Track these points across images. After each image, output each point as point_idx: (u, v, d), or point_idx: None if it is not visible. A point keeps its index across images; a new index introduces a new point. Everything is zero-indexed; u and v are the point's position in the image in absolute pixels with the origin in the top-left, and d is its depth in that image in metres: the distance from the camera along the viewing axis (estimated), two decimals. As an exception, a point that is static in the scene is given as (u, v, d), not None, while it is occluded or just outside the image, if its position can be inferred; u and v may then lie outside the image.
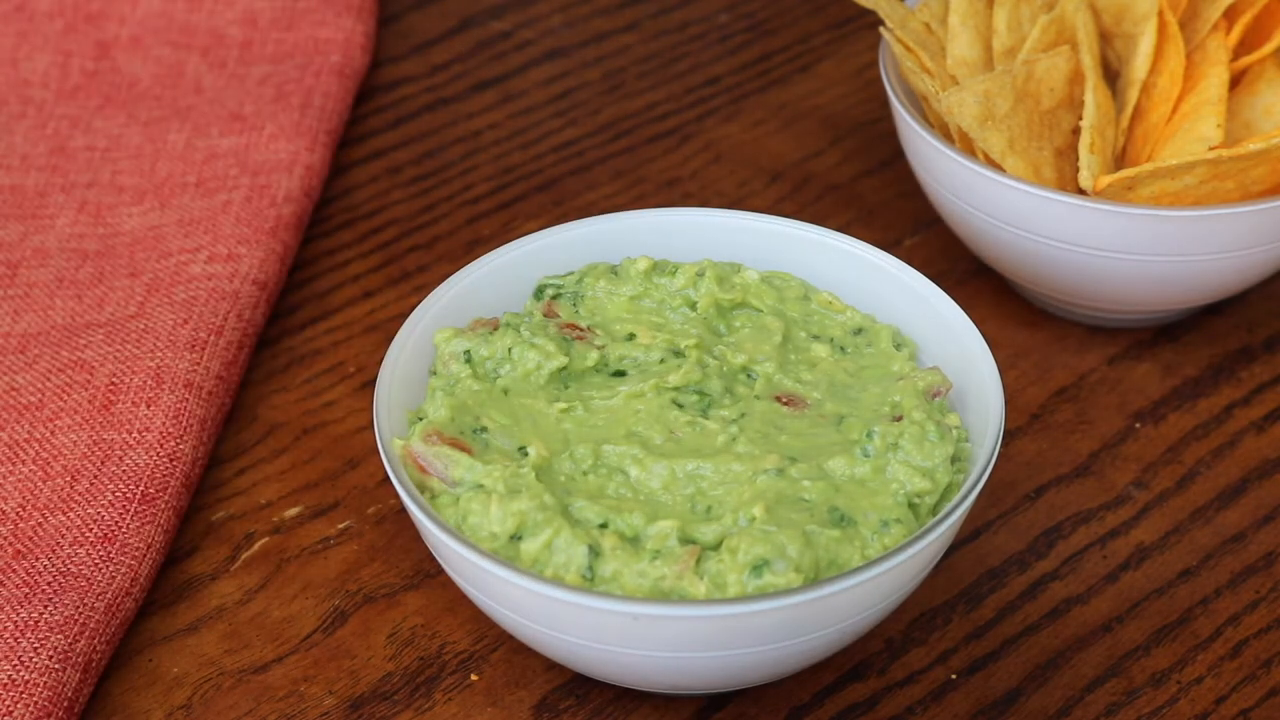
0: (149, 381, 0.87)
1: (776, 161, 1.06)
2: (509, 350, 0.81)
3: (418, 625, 0.82)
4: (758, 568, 0.72)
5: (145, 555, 0.81)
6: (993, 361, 0.80)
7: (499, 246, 0.85)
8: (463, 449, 0.76)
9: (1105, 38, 0.94)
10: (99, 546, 0.81)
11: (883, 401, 0.80)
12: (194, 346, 0.89)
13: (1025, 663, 0.81)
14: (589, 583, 0.73)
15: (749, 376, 0.81)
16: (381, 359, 0.80)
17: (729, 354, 0.81)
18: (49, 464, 0.84)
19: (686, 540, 0.74)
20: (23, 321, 0.91)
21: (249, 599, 0.83)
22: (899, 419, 0.78)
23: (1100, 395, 0.92)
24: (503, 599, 0.73)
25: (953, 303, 0.83)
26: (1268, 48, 0.91)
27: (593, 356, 0.81)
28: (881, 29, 0.93)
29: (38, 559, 0.81)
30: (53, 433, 0.86)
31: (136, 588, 0.81)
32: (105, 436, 0.85)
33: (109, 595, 0.79)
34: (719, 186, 1.04)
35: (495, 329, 0.82)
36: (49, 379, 0.88)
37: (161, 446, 0.85)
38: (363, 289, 0.98)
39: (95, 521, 0.82)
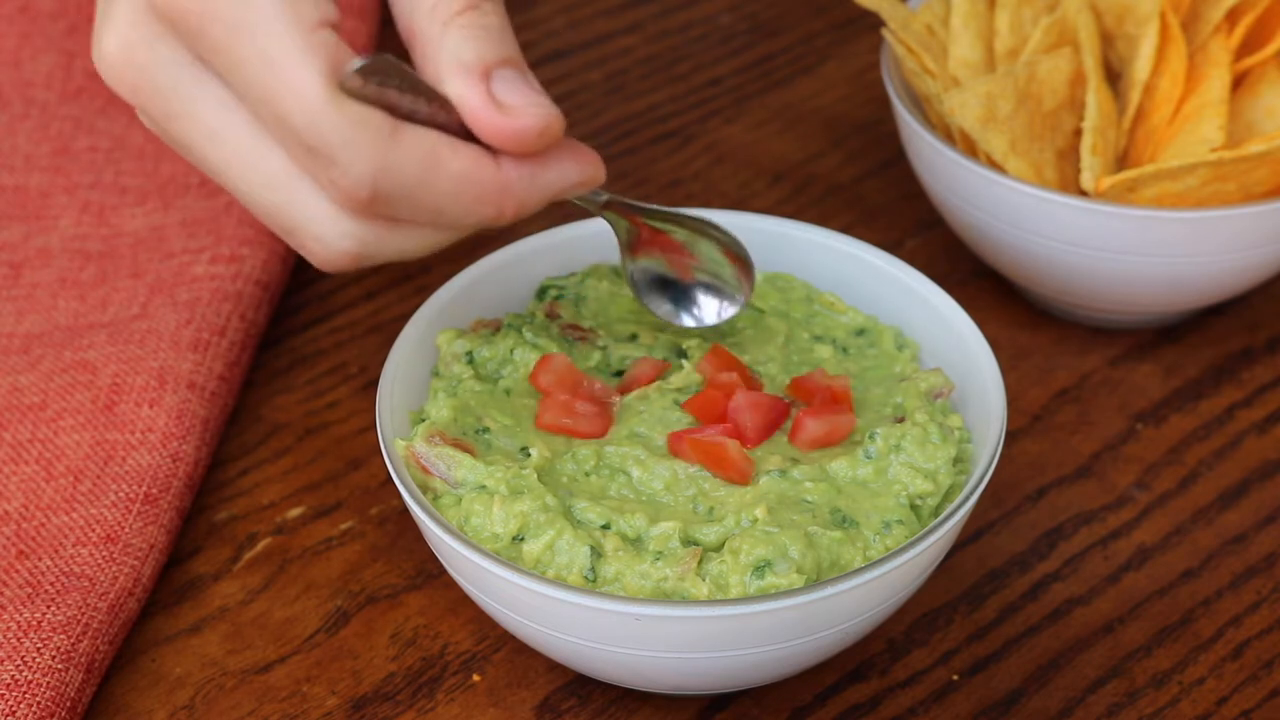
0: (152, 382, 0.87)
1: (778, 163, 1.06)
2: (511, 351, 0.81)
3: (420, 626, 0.82)
4: (760, 569, 0.72)
5: (148, 556, 0.82)
6: (994, 363, 0.80)
7: (501, 247, 0.86)
8: (465, 450, 0.77)
9: (1107, 39, 0.94)
10: (102, 547, 0.81)
11: (885, 403, 0.80)
12: (197, 347, 0.89)
13: (1027, 663, 0.81)
14: (591, 583, 0.73)
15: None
16: (384, 360, 0.80)
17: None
18: (52, 464, 0.85)
19: (689, 541, 0.74)
20: (26, 322, 0.92)
21: (251, 599, 0.83)
22: (901, 420, 0.78)
23: (1102, 396, 0.93)
24: (505, 600, 0.73)
25: (955, 304, 0.83)
26: (1269, 49, 0.91)
27: (595, 357, 0.81)
28: (883, 30, 0.93)
29: (41, 559, 0.81)
30: (56, 433, 0.86)
31: (139, 588, 0.81)
32: (108, 437, 0.85)
33: (112, 595, 0.79)
34: (721, 188, 1.04)
35: (497, 330, 0.82)
36: (52, 379, 0.88)
37: (164, 447, 0.85)
38: (365, 290, 0.98)
39: (98, 522, 0.82)
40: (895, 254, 0.89)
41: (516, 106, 0.69)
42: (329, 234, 0.70)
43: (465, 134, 0.70)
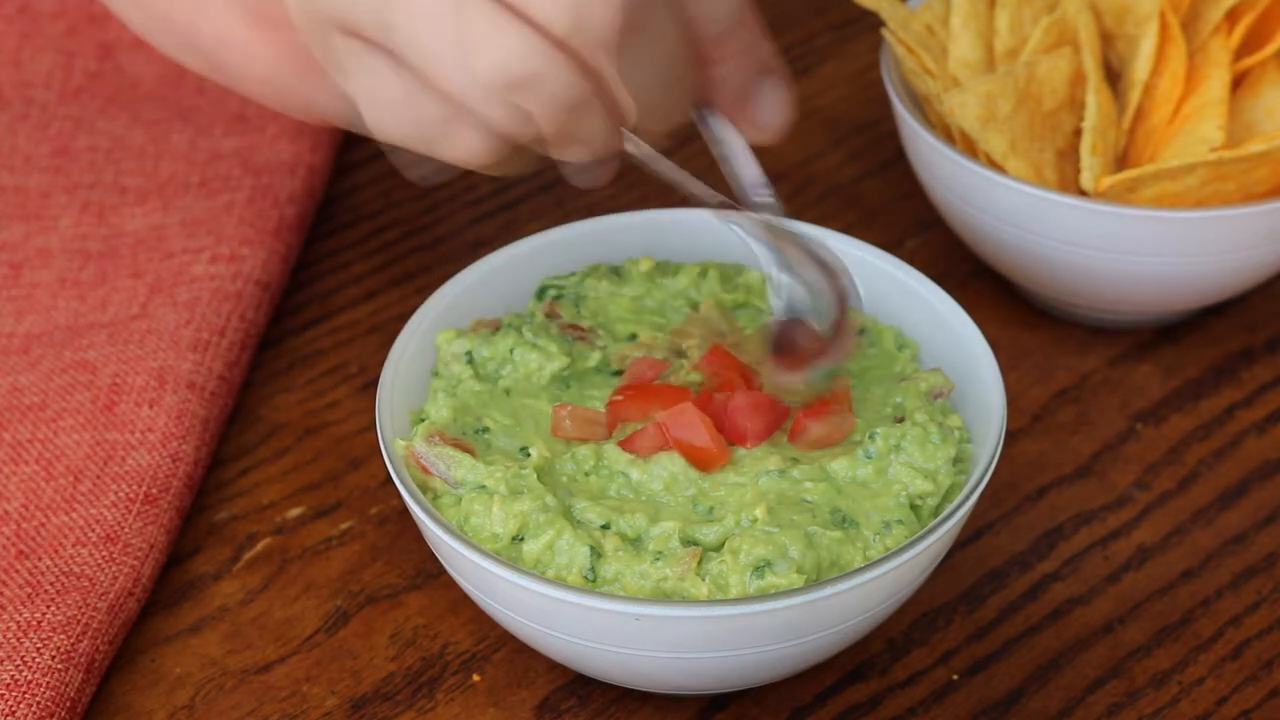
0: (152, 382, 0.87)
1: (778, 162, 1.06)
2: (511, 351, 0.81)
3: (420, 626, 0.82)
4: (759, 569, 0.72)
5: (148, 555, 0.82)
6: (994, 362, 0.80)
7: (501, 247, 0.86)
8: (465, 449, 0.77)
9: (1107, 39, 0.94)
10: (102, 547, 0.81)
11: (885, 403, 0.80)
12: (197, 347, 0.89)
13: (1027, 663, 0.81)
14: (591, 583, 0.73)
15: (751, 377, 0.81)
16: (384, 359, 0.80)
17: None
18: (52, 464, 0.85)
19: (688, 541, 0.74)
20: (26, 322, 0.92)
21: (251, 599, 0.83)
22: (901, 420, 0.78)
23: (1101, 396, 0.93)
24: (505, 600, 0.73)
25: (954, 304, 0.83)
26: (1269, 49, 0.91)
27: (594, 357, 0.81)
28: (883, 30, 0.93)
29: (41, 559, 0.81)
30: (56, 433, 0.86)
31: (139, 588, 0.81)
32: (108, 437, 0.85)
33: (112, 595, 0.79)
34: (721, 188, 1.04)
35: (497, 330, 0.82)
36: (52, 379, 0.88)
37: (164, 447, 0.85)
38: (365, 290, 0.98)
39: (98, 522, 0.82)
40: (895, 254, 0.89)
41: (770, 128, 0.83)
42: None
43: None
